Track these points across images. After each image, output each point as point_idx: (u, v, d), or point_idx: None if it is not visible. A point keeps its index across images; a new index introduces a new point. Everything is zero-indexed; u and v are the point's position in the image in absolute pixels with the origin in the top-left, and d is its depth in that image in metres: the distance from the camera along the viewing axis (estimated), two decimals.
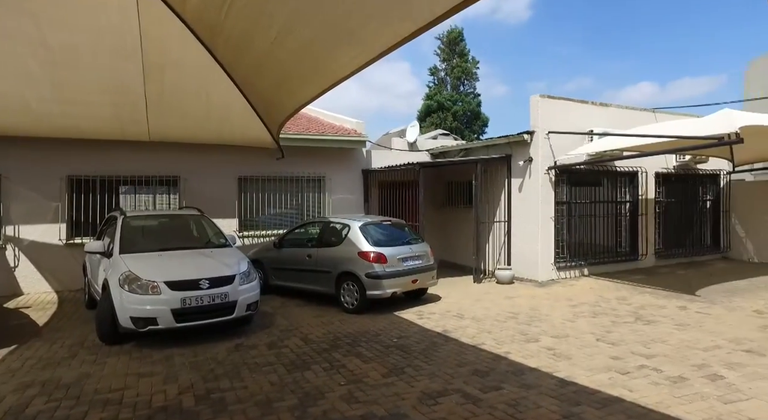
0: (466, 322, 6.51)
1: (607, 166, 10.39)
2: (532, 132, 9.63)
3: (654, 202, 11.24)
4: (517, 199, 10.10)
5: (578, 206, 10.23)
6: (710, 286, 8.81)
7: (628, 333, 5.79)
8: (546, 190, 9.62)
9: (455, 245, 12.12)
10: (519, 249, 10.07)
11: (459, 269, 11.46)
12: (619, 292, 8.47)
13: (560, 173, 9.78)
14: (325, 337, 5.87)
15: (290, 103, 6.35)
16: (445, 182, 12.48)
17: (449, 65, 33.63)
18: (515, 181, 10.15)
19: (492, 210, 10.68)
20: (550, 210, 9.67)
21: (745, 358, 4.83)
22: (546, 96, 9.67)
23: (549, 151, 9.64)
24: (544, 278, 9.62)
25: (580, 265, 10.10)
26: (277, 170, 10.59)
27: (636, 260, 10.93)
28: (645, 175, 10.99)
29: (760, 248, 11.93)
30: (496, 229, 10.57)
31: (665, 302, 7.56)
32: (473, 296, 8.44)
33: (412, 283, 7.47)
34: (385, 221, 8.15)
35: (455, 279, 10.33)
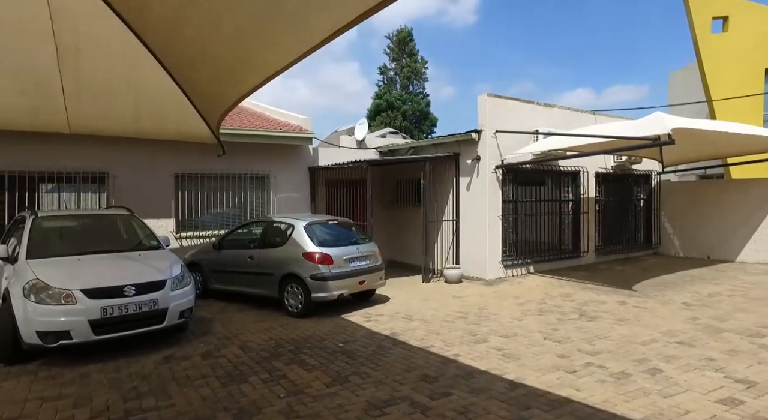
0: (415, 324, 6.35)
1: (551, 166, 10.63)
2: (480, 131, 9.66)
3: (594, 201, 11.65)
4: (466, 198, 10.11)
5: (524, 205, 10.40)
6: (645, 281, 9.20)
7: (574, 330, 5.84)
8: (493, 188, 9.69)
9: (404, 244, 12.01)
10: (467, 248, 10.09)
11: (408, 269, 11.35)
12: (563, 289, 8.65)
13: (507, 172, 9.88)
14: (266, 344, 5.51)
15: (229, 95, 5.91)
16: (394, 181, 12.34)
17: (399, 65, 33.71)
18: (463, 179, 10.16)
19: (441, 209, 10.64)
20: (497, 209, 9.75)
21: (678, 351, 4.97)
22: (493, 95, 9.74)
23: (496, 150, 9.72)
24: (492, 276, 9.68)
25: (526, 263, 10.26)
26: (218, 167, 10.00)
27: (578, 257, 11.28)
28: (586, 175, 11.36)
29: (685, 244, 12.69)
30: (444, 228, 10.55)
31: (606, 298, 7.77)
32: (422, 296, 8.33)
33: (359, 284, 7.23)
34: (332, 220, 7.86)
35: (404, 279, 10.20)
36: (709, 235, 12.16)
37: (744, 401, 3.72)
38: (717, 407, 3.62)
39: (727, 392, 3.89)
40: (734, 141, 9.48)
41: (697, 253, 12.39)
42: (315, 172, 11.27)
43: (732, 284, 8.80)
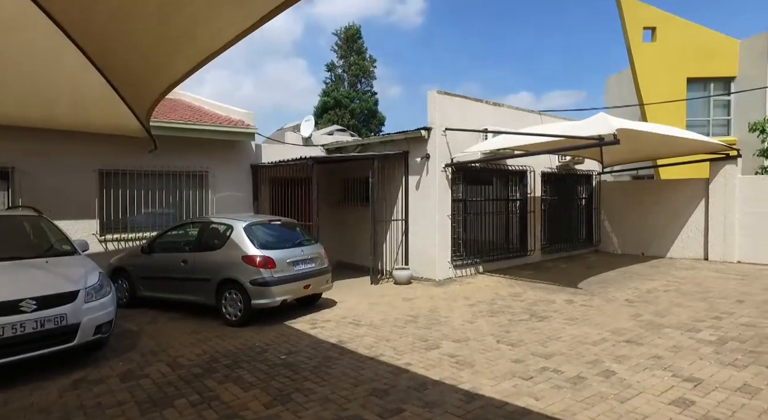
0: (363, 330, 6.01)
1: (499, 165, 10.65)
2: (429, 128, 9.48)
3: (540, 200, 11.84)
4: (415, 197, 9.91)
5: (473, 204, 10.34)
6: (589, 279, 9.40)
7: (526, 332, 5.74)
8: (443, 187, 9.54)
9: (352, 245, 11.64)
10: (416, 248, 9.89)
11: (356, 270, 11.00)
12: (512, 288, 8.64)
13: (457, 171, 9.77)
14: (199, 358, 4.96)
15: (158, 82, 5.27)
16: (342, 179, 11.94)
17: (347, 62, 33.26)
18: (413, 178, 9.95)
19: (389, 208, 10.38)
20: (447, 208, 9.62)
21: (627, 350, 4.96)
22: (443, 92, 9.59)
23: (446, 148, 9.57)
24: (441, 277, 9.53)
25: (475, 262, 10.21)
26: (150, 164, 9.15)
27: (525, 256, 11.41)
28: (533, 174, 11.51)
29: (623, 241, 13.23)
30: (393, 228, 10.29)
31: (554, 297, 7.81)
32: (371, 299, 8.01)
33: (304, 288, 6.79)
34: (275, 221, 7.35)
35: (352, 281, 9.84)
36: (643, 233, 12.73)
37: (694, 401, 3.69)
38: (671, 410, 3.55)
39: (678, 392, 3.86)
40: (666, 143, 9.90)
41: (634, 250, 12.94)
42: (258, 170, 10.65)
43: (666, 280, 9.16)
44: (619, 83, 20.21)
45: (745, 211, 10.99)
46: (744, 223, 10.99)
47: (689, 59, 16.31)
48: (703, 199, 11.62)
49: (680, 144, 10.05)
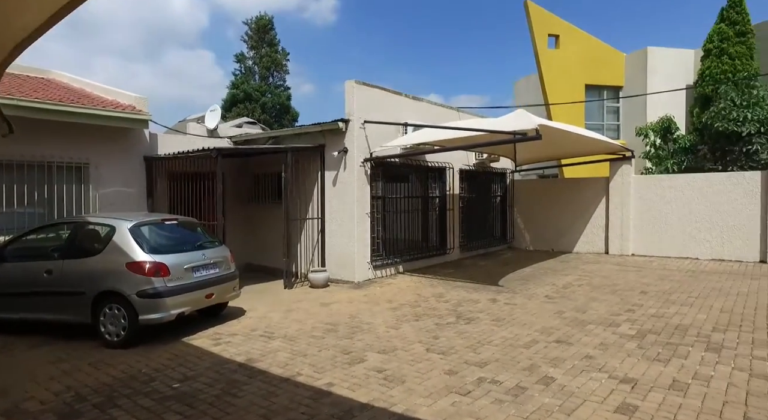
0: (277, 344, 5.25)
1: (419, 161, 10.36)
2: (347, 120, 8.88)
3: (459, 198, 11.79)
4: (332, 194, 9.25)
5: (393, 201, 9.93)
6: (508, 276, 9.43)
7: (455, 336, 5.37)
8: (362, 183, 9.00)
9: (263, 246, 10.69)
10: (334, 248, 9.25)
11: (269, 273, 10.09)
12: (435, 288, 8.34)
13: (376, 166, 9.29)
14: (57, 399, 3.87)
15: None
16: (252, 175, 10.92)
17: (258, 54, 31.51)
18: (329, 173, 9.28)
19: (304, 206, 9.62)
20: (366, 205, 9.09)
21: (559, 351, 4.78)
22: (362, 82, 9.04)
23: (365, 142, 9.04)
24: (360, 279, 8.99)
25: (395, 262, 9.81)
26: (7, 152, 7.49)
27: (445, 254, 11.27)
28: (452, 171, 11.39)
29: (534, 238, 13.71)
30: (309, 227, 9.55)
31: (477, 296, 7.62)
32: (285, 306, 7.23)
33: (206, 298, 5.84)
34: (170, 220, 6.29)
35: (263, 285, 8.95)
36: (552, 230, 13.27)
37: (637, 405, 3.50)
38: (618, 418, 3.31)
39: (619, 396, 3.66)
40: (576, 142, 10.29)
41: (544, 246, 13.45)
42: (153, 163, 9.29)
43: (577, 274, 9.46)
44: (526, 86, 21.21)
45: (637, 208, 11.84)
46: (636, 219, 11.84)
47: (586, 67, 17.49)
48: (604, 197, 12.35)
49: (587, 144, 10.50)
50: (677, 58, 17.89)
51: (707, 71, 16.26)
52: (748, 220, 10.54)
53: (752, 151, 13.47)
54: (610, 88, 18.31)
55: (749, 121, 13.29)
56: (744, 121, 13.32)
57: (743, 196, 10.64)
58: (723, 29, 16.30)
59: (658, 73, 17.40)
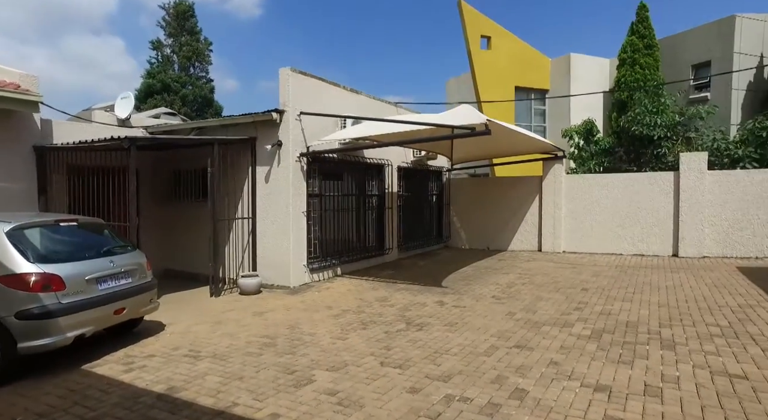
0: (205, 365, 4.46)
1: (358, 157, 9.82)
2: (282, 111, 8.12)
3: (397, 196, 11.41)
4: (264, 191, 8.44)
5: (330, 200, 9.29)
6: (450, 276, 9.19)
7: (409, 346, 4.90)
8: (298, 180, 8.29)
9: (186, 249, 9.59)
10: (267, 251, 8.44)
11: (192, 279, 9.05)
12: (377, 291, 7.84)
13: (312, 162, 8.61)
14: None
15: None
16: (172, 171, 9.75)
17: (177, 42, 29.19)
18: (261, 169, 8.46)
19: (233, 204, 8.71)
20: (302, 203, 8.39)
21: (522, 358, 4.48)
22: (298, 71, 8.32)
23: (301, 136, 8.33)
24: (296, 283, 8.27)
25: (333, 264, 9.18)
26: None
27: (383, 255, 10.82)
28: (391, 169, 10.98)
29: (470, 236, 13.73)
30: (238, 228, 8.64)
31: (423, 298, 7.23)
32: (212, 317, 6.36)
33: (114, 314, 4.88)
34: (67, 221, 5.20)
35: (187, 293, 7.97)
36: (487, 228, 13.34)
37: (621, 418, 3.22)
38: None
39: (598, 409, 3.37)
40: (515, 141, 10.32)
41: (480, 244, 13.49)
42: (47, 154, 7.89)
43: (517, 272, 9.44)
44: (458, 86, 21.46)
45: (568, 206, 12.21)
46: (567, 217, 12.21)
47: (516, 69, 17.97)
48: (538, 195, 12.61)
49: (524, 142, 10.57)
50: (596, 66, 18.97)
51: (622, 78, 17.38)
52: (664, 218, 11.21)
53: (661, 153, 14.50)
54: (537, 90, 18.98)
55: (659, 126, 14.28)
56: (655, 126, 14.30)
57: (660, 195, 11.31)
58: (634, 41, 17.51)
59: (580, 79, 18.30)
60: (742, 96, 16.78)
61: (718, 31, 16.88)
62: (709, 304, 6.42)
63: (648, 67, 17.21)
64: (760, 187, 10.47)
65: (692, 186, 10.88)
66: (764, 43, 16.80)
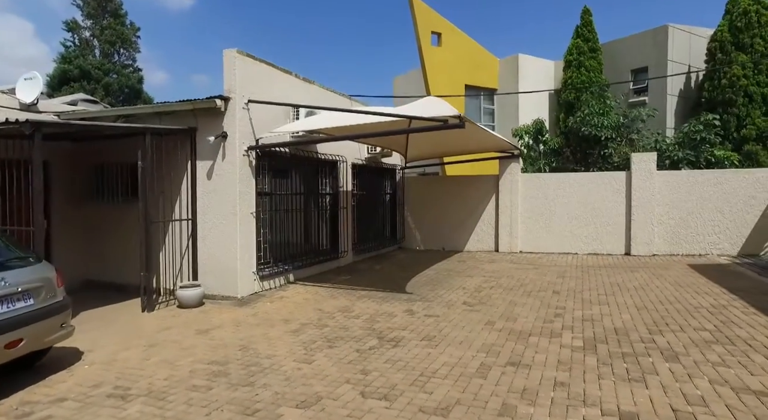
0: (136, 410, 3.50)
1: (311, 153, 8.96)
2: (227, 98, 7.12)
3: (352, 195, 10.66)
4: (207, 189, 7.39)
5: (280, 199, 8.38)
6: (411, 280, 8.60)
7: (389, 369, 4.20)
8: (245, 176, 7.32)
9: (111, 257, 8.29)
10: (210, 256, 7.40)
11: (119, 291, 7.80)
12: (336, 300, 7.07)
13: (262, 157, 7.68)
14: None
15: None
16: (94, 165, 8.38)
17: (98, 25, 26.50)
18: (203, 164, 7.40)
19: (169, 204, 7.57)
20: (250, 203, 7.43)
21: (522, 379, 3.94)
22: (245, 53, 7.35)
23: (249, 126, 7.38)
24: (245, 292, 7.31)
25: (285, 270, 8.28)
26: None
27: (338, 258, 10.03)
28: (345, 166, 10.21)
29: (425, 237, 13.25)
30: (175, 231, 7.52)
31: (390, 307, 6.57)
32: (145, 338, 5.31)
33: (6, 349, 3.76)
34: None
35: (114, 308, 6.79)
36: (443, 228, 12.93)
37: None
38: None
39: None
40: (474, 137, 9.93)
41: (435, 245, 13.05)
42: None
43: (482, 276, 9.02)
44: (406, 82, 21.04)
45: (525, 206, 12.07)
46: (524, 216, 12.06)
47: (466, 68, 17.79)
48: (494, 194, 12.36)
49: (482, 139, 10.22)
50: (543, 67, 19.26)
51: (569, 80, 17.76)
52: (617, 217, 11.33)
53: (608, 154, 14.86)
54: (486, 89, 18.94)
55: (605, 127, 14.61)
56: (601, 127, 14.61)
57: (613, 194, 11.42)
58: (579, 44, 17.95)
59: (527, 79, 18.47)
60: (675, 102, 17.68)
61: (653, 38, 17.66)
62: (684, 305, 6.27)
63: (593, 70, 17.69)
64: (703, 188, 10.82)
65: (643, 186, 11.06)
66: (691, 54, 17.80)
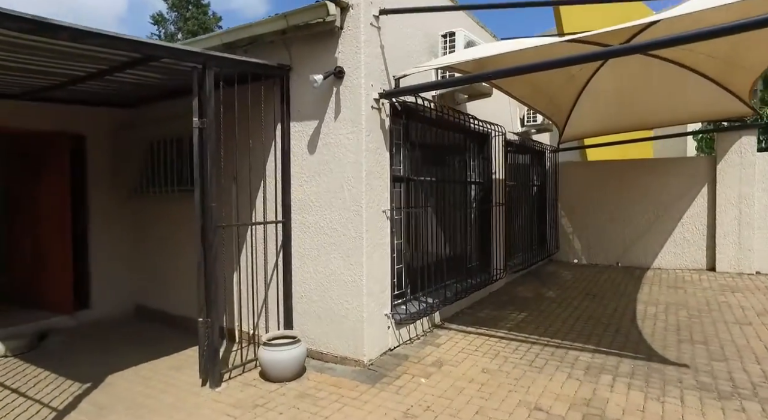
0: None
1: (459, 117, 5.60)
2: (345, 4, 3.97)
3: (506, 186, 7.18)
4: (307, 170, 4.30)
5: (416, 188, 5.10)
6: (639, 326, 4.99)
7: None
8: (376, 146, 4.14)
9: (163, 273, 5.58)
10: (314, 285, 4.30)
11: (173, 326, 5.08)
12: (548, 376, 3.65)
13: (399, 114, 4.46)
14: None
15: None
16: (144, 141, 5.69)
17: (181, 16, 25.40)
18: (301, 128, 4.33)
19: (246, 197, 4.57)
20: (382, 193, 4.24)
21: None
22: None
23: (380, 59, 4.20)
24: (375, 352, 4.14)
25: (428, 306, 4.99)
26: None
27: (490, 282, 6.57)
28: (498, 141, 6.76)
29: (588, 246, 9.42)
30: (256, 241, 4.52)
31: (674, 403, 3.04)
32: None
33: None
34: None
35: (155, 366, 3.95)
36: (616, 234, 9.07)
37: None
38: None
39: None
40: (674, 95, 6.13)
41: (603, 258, 9.21)
42: None
43: (747, 318, 5.21)
44: None
45: (763, 202, 7.87)
46: (763, 219, 7.86)
47: None
48: (705, 185, 8.29)
49: (702, 94, 6.33)
50: None
51: None
52: None
53: None
54: None
55: None
56: None
57: None
58: None
59: None
60: None
61: None
62: None
63: None
64: None
65: None
66: None
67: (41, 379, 4.00)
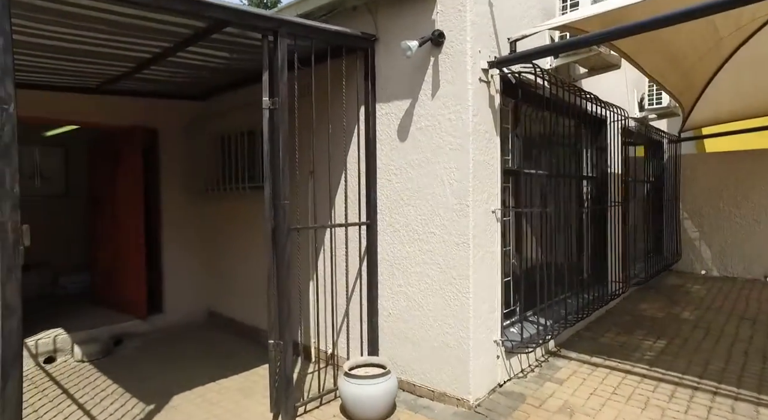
0: None
1: (586, 95, 4.52)
2: None
3: (623, 182, 5.95)
4: (398, 161, 3.52)
5: (528, 183, 4.13)
6: None
7: None
8: (484, 130, 3.26)
9: (232, 278, 5.09)
10: (405, 301, 3.50)
11: (244, 337, 4.57)
12: None
13: (512, 89, 3.55)
14: None
15: None
16: (215, 136, 5.25)
17: None
18: (388, 109, 3.56)
19: (324, 194, 3.88)
20: (492, 189, 3.35)
21: None
22: None
23: (488, 19, 3.32)
24: (483, 389, 3.26)
25: (542, 330, 4.01)
26: None
27: (611, 297, 5.41)
28: (614, 128, 5.56)
29: (722, 256, 7.80)
30: (336, 245, 3.82)
31: None
32: None
33: None
34: None
35: (223, 386, 3.40)
36: (760, 242, 7.41)
37: None
38: None
39: None
40: None
41: (744, 270, 7.58)
42: None
43: None
44: None
45: None
46: None
47: None
48: None
49: None
50: None
51: None
52: None
53: None
54: None
55: None
56: None
57: None
58: None
59: None
60: None
61: None
62: None
63: None
64: None
65: None
66: None
67: (109, 393, 3.64)
